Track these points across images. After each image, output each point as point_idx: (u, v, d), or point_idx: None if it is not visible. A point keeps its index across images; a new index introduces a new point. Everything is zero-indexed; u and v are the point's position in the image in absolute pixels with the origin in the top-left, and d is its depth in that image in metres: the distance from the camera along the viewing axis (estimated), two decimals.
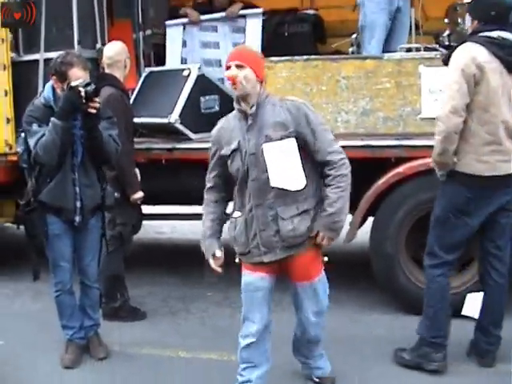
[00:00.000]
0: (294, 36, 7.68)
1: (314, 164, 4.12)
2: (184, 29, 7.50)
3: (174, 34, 7.53)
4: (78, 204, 4.99)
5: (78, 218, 5.02)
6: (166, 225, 9.16)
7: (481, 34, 4.62)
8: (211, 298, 6.50)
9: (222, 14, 7.36)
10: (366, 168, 5.91)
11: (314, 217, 4.11)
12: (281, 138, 3.99)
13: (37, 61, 6.59)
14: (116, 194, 5.34)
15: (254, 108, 4.05)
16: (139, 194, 5.75)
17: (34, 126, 4.84)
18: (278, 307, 5.44)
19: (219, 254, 4.25)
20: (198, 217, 6.71)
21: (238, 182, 4.16)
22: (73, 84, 4.73)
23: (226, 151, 4.14)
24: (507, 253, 4.90)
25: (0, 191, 7.15)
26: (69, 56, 4.91)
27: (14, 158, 6.72)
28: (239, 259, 4.28)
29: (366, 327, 5.74)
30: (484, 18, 4.66)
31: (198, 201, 4.71)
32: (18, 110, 6.66)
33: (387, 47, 6.49)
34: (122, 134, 5.37)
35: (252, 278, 4.18)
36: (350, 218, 6.01)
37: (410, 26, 6.63)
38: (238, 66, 4.01)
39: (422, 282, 5.67)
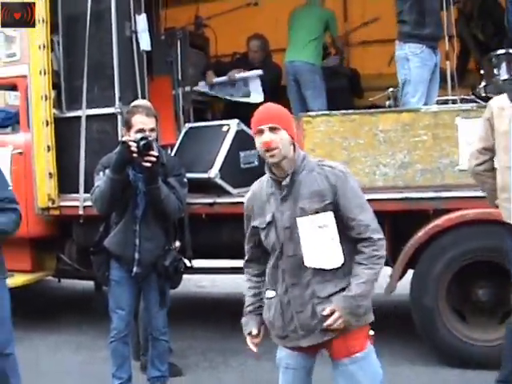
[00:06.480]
0: (331, 91, 7.73)
1: (352, 237, 3.55)
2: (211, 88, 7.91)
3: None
4: (137, 255, 5.06)
5: (135, 269, 5.09)
6: (206, 279, 9.17)
7: None
8: (251, 352, 6.46)
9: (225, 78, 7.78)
10: (405, 220, 5.93)
11: None
12: (316, 212, 3.46)
13: (79, 117, 6.73)
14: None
15: (288, 179, 3.51)
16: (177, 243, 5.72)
17: (100, 174, 5.01)
18: None
19: (255, 332, 3.77)
20: (238, 270, 6.71)
21: (272, 257, 3.64)
22: (124, 139, 4.89)
23: (259, 223, 3.63)
24: None
25: (42, 245, 7.26)
26: (134, 107, 5.10)
27: (56, 213, 6.86)
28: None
29: (407, 380, 5.68)
30: None
31: (239, 255, 4.69)
32: (61, 166, 6.82)
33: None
34: None
35: (284, 354, 3.72)
36: (389, 270, 6.03)
37: (446, 79, 6.67)
38: (271, 129, 3.46)
39: (463, 334, 5.65)
